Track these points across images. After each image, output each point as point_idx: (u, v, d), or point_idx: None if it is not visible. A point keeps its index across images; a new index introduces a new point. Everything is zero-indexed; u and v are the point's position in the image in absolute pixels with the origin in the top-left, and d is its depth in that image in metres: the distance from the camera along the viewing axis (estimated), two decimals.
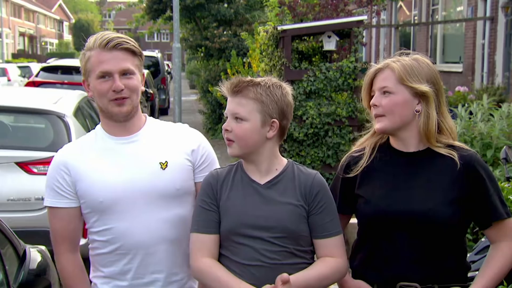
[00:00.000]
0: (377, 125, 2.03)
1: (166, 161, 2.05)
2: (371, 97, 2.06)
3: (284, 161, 2.02)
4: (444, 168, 1.98)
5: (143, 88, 2.08)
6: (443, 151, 1.99)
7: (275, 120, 1.93)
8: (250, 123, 1.91)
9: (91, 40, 2.03)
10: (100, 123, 2.14)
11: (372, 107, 2.04)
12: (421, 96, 1.99)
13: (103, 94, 2.00)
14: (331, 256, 1.95)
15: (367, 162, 2.06)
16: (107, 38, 1.99)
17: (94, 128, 2.18)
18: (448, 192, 1.96)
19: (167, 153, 2.07)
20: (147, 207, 2.02)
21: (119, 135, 2.07)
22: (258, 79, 1.96)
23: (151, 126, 2.14)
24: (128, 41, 2.03)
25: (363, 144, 2.13)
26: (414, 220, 1.95)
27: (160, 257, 2.05)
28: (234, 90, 1.93)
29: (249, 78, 1.96)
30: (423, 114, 1.99)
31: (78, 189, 2.03)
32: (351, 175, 2.08)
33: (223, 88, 1.97)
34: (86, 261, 2.14)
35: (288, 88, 1.99)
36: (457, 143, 2.04)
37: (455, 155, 1.98)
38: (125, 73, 2.00)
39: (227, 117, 1.96)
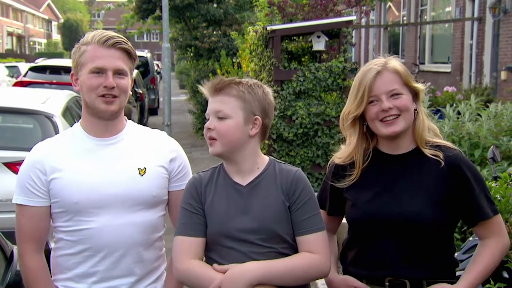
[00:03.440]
0: (390, 128, 1.97)
1: (144, 168, 2.05)
2: (362, 103, 1.99)
3: (266, 159, 2.01)
4: (430, 169, 1.99)
5: (130, 92, 2.08)
6: (429, 152, 2.00)
7: (258, 117, 1.94)
8: (233, 120, 1.91)
9: (89, 36, 2.03)
10: (79, 121, 2.12)
11: (380, 113, 1.96)
12: (415, 95, 2.02)
13: (93, 89, 1.99)
14: (310, 252, 1.91)
15: (360, 170, 2.04)
16: (107, 36, 2.00)
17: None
18: (434, 193, 1.97)
19: (146, 159, 2.07)
20: (122, 211, 2.02)
21: (99, 135, 2.06)
22: (239, 79, 1.97)
23: (131, 129, 2.13)
24: (126, 42, 2.04)
25: (350, 155, 2.07)
26: (400, 223, 1.96)
27: (128, 262, 2.04)
28: (216, 88, 1.93)
29: (230, 78, 1.97)
30: (420, 113, 2.02)
31: (51, 188, 2.01)
32: (339, 185, 2.07)
33: (204, 89, 1.97)
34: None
35: (268, 89, 1.99)
36: (443, 143, 2.04)
37: (440, 155, 1.98)
38: (118, 72, 2.00)
39: (209, 118, 1.96)
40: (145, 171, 2.05)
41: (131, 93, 2.10)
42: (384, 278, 1.99)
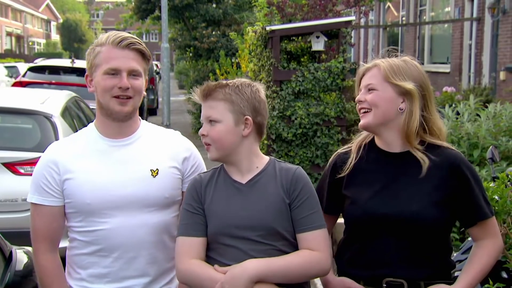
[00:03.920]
0: (361, 120, 2.05)
1: (157, 169, 2.05)
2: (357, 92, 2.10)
3: (266, 159, 2.02)
4: (430, 168, 1.99)
5: (144, 93, 2.08)
6: (427, 152, 2.00)
7: (248, 117, 1.95)
8: (223, 124, 1.93)
9: (103, 37, 2.04)
10: (93, 121, 2.12)
11: (358, 104, 2.06)
12: (405, 94, 2.01)
13: (107, 90, 1.99)
14: (310, 250, 1.91)
15: (354, 160, 2.08)
16: (121, 37, 2.01)
17: (83, 127, 2.16)
18: (434, 193, 1.98)
19: (158, 160, 2.07)
20: (134, 212, 2.02)
21: (113, 137, 2.06)
22: (226, 81, 1.98)
23: (145, 130, 2.14)
24: (140, 42, 2.05)
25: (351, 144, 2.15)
26: (401, 222, 1.96)
27: (141, 262, 2.04)
28: (204, 94, 1.95)
29: (217, 81, 1.99)
30: (406, 112, 2.01)
31: (65, 188, 2.02)
32: (338, 175, 2.09)
33: (195, 96, 1.99)
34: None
35: (258, 86, 2.00)
36: (442, 143, 2.05)
37: (439, 156, 1.99)
38: (133, 73, 2.01)
39: (203, 123, 1.98)
40: (157, 172, 2.05)
41: (145, 93, 2.10)
42: (383, 278, 1.99)
